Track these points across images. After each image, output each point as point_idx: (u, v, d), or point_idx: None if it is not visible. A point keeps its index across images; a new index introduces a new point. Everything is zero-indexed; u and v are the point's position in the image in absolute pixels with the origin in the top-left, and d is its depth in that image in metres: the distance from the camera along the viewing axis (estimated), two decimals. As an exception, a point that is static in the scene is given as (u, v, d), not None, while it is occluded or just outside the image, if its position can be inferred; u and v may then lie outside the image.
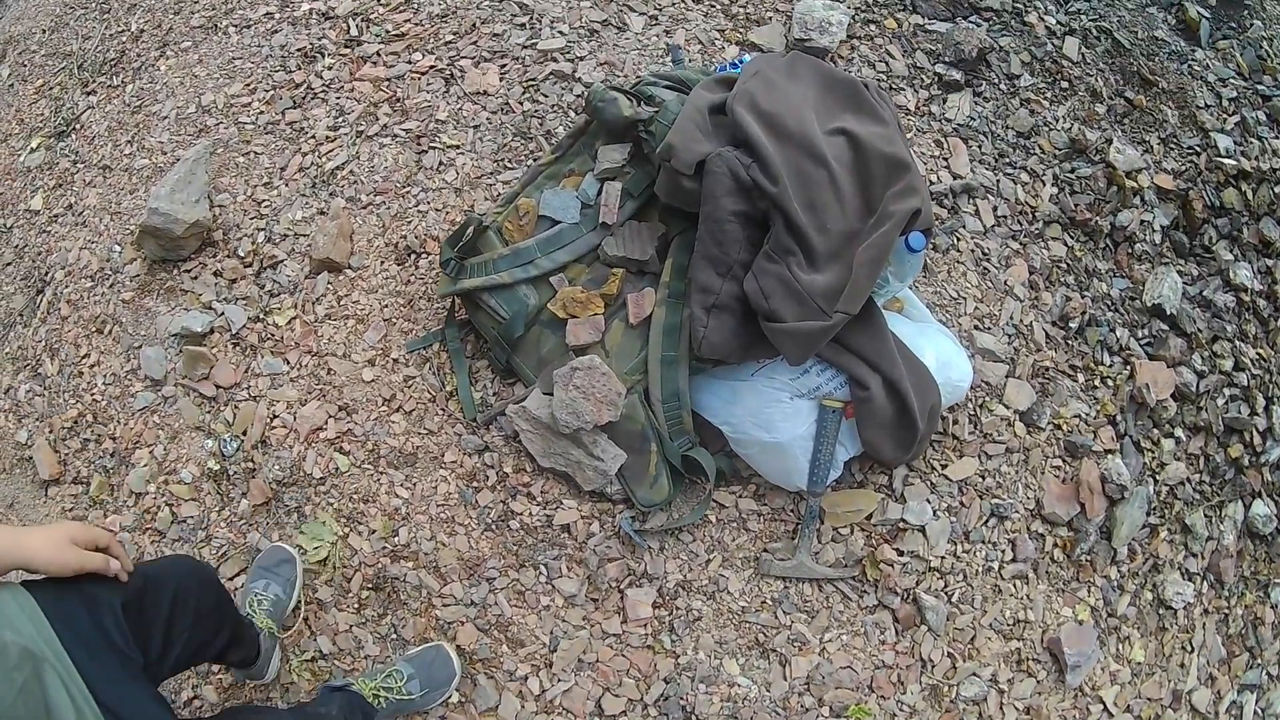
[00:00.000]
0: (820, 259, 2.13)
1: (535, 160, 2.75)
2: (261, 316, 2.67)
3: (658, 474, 2.39)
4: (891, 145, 2.25)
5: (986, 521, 2.48)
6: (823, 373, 2.32)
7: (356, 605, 2.40)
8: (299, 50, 3.08)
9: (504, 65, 2.99)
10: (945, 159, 2.95)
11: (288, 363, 2.60)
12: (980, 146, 2.97)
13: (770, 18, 3.15)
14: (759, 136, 2.16)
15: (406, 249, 2.74)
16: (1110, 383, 2.64)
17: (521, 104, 2.91)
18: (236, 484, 2.51)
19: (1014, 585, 2.47)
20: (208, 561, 2.49)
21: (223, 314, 2.67)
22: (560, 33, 3.04)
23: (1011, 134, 2.93)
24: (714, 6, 3.20)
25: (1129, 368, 2.61)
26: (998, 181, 2.92)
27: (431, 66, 3.02)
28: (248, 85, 3.04)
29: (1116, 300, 2.72)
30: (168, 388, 2.65)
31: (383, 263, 2.72)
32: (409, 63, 3.03)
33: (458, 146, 2.85)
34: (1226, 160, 2.90)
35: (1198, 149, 2.94)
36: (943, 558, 2.42)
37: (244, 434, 2.54)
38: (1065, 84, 3.01)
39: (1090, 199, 2.79)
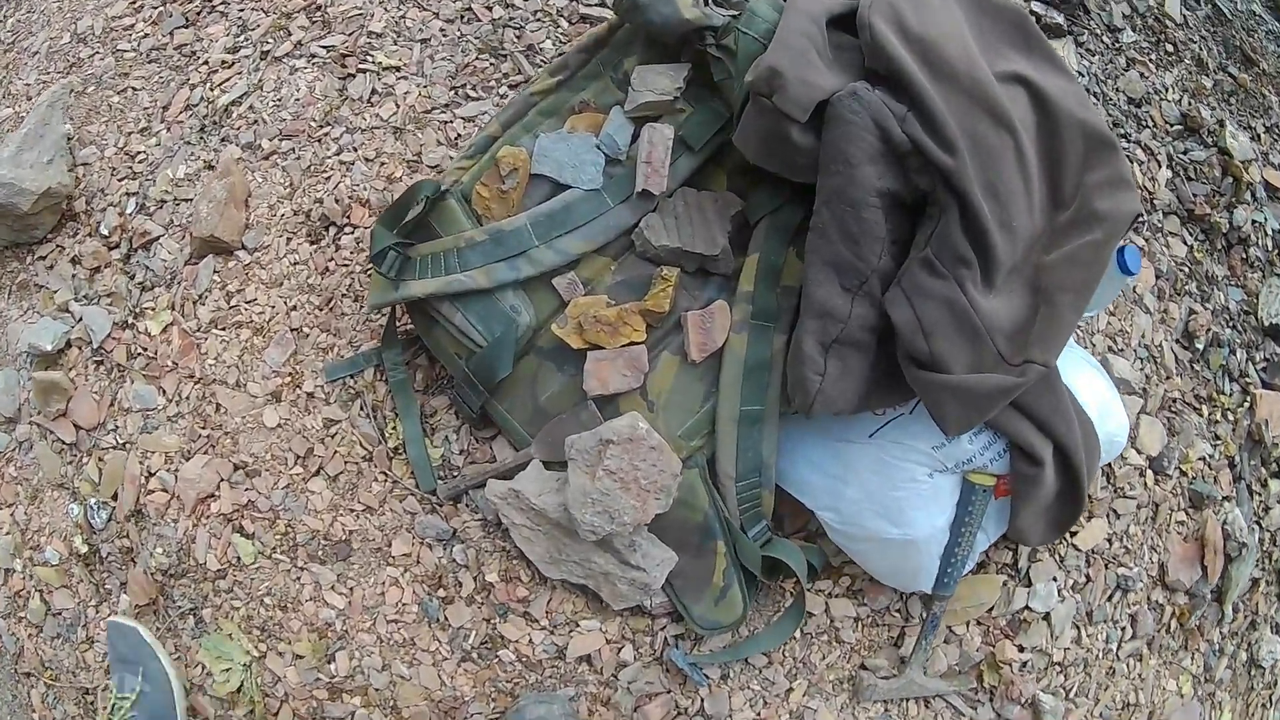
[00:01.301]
0: (1000, 274, 1.07)
1: (521, 87, 1.52)
2: (130, 321, 1.52)
3: (727, 583, 1.31)
4: (1087, 109, 1.19)
5: (1111, 596, 1.59)
6: (977, 438, 1.27)
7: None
8: None
9: None
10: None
11: (163, 393, 1.47)
12: (1092, 110, 1.93)
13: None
14: (917, 75, 1.06)
15: (323, 219, 1.53)
16: (1230, 416, 1.73)
17: (490, 9, 1.68)
18: (112, 570, 1.46)
19: (1128, 664, 1.62)
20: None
21: (80, 320, 1.54)
22: None
23: (1123, 99, 1.91)
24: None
25: (1248, 398, 1.76)
26: (1116, 156, 1.89)
27: None
28: (133, 3, 1.85)
29: (1235, 315, 1.81)
30: (21, 426, 1.57)
31: (289, 240, 1.52)
32: None
33: (398, 68, 1.63)
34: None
35: (1307, 142, 2.06)
36: (1066, 648, 1.58)
37: (114, 499, 1.46)
38: (1170, 47, 1.97)
39: (1207, 190, 1.84)
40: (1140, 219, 1.66)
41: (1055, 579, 1.48)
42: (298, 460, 1.41)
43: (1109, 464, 1.56)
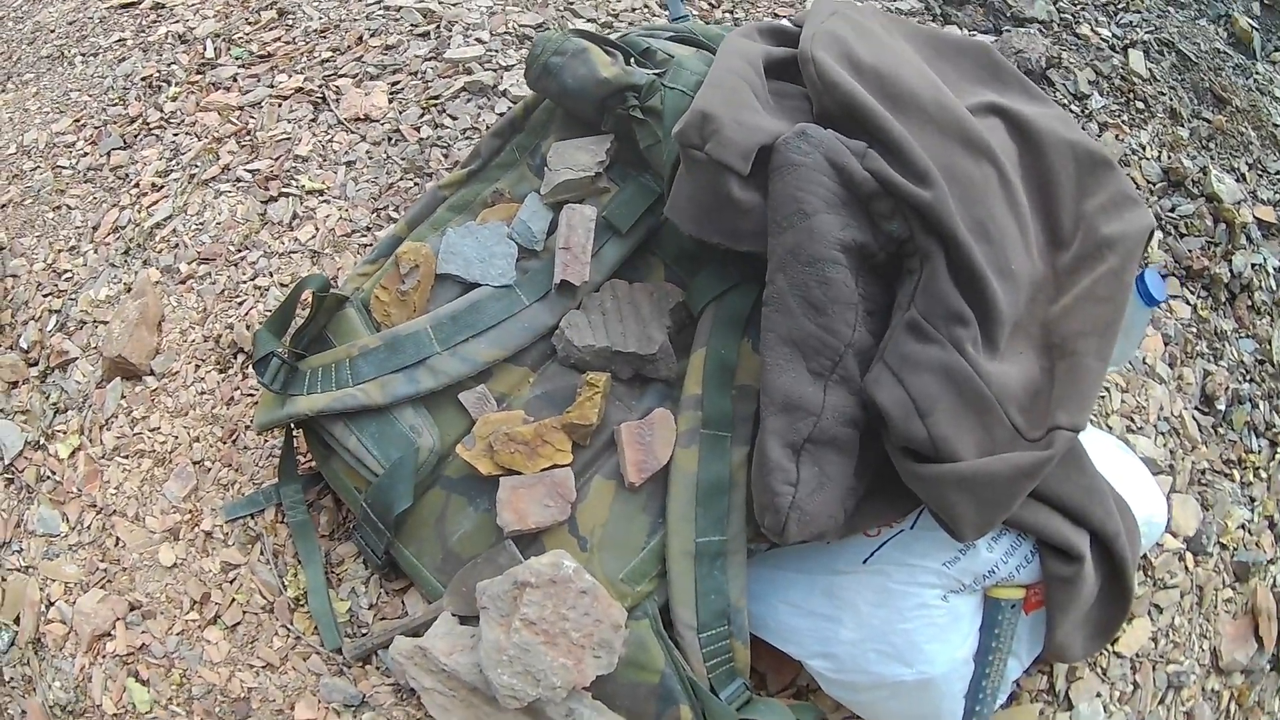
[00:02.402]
0: (1004, 330, 0.73)
1: (433, 183, 1.28)
2: (42, 442, 1.20)
3: (693, 758, 0.83)
4: (1073, 129, 0.84)
5: (1163, 698, 1.15)
6: (997, 543, 0.85)
7: None
8: (144, 79, 1.62)
9: (395, 82, 1.46)
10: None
11: (67, 520, 1.14)
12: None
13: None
14: (874, 105, 0.73)
15: (232, 345, 1.20)
16: (1263, 474, 1.37)
17: (418, 129, 1.38)
18: (14, 696, 1.07)
19: (1183, 764, 1.20)
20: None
21: None
22: (479, 40, 1.52)
23: (1102, 167, 1.67)
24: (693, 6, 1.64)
25: (1276, 450, 1.41)
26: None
27: (298, 89, 1.48)
28: (77, 121, 1.61)
29: (1250, 367, 1.48)
30: None
31: (198, 367, 1.19)
32: (270, 86, 1.51)
33: (320, 191, 1.33)
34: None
35: (1287, 172, 1.71)
36: (1116, 769, 1.03)
37: (16, 622, 1.10)
38: (1140, 104, 1.69)
39: (1201, 242, 1.54)
40: (1154, 234, 1.32)
41: (1099, 694, 1.07)
42: (194, 605, 1.02)
43: (1145, 554, 1.16)
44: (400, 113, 1.41)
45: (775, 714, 0.86)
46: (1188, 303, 1.46)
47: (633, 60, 0.92)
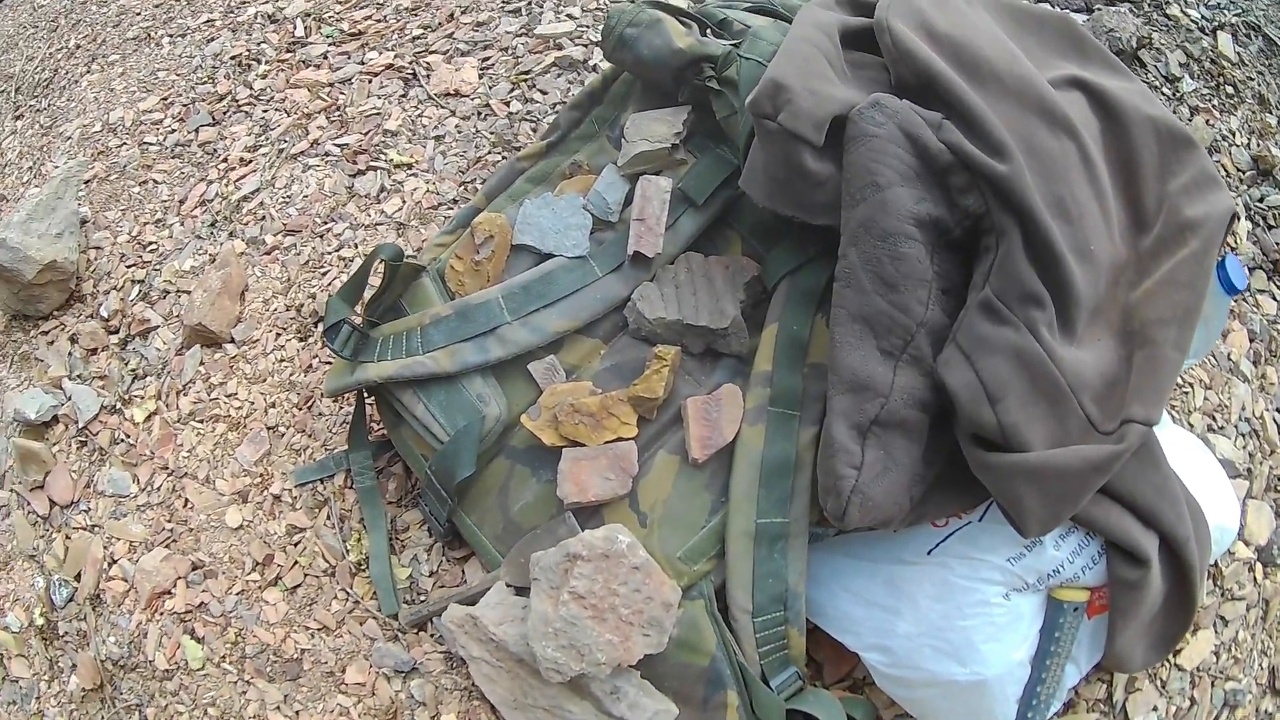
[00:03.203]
0: (1082, 314, 0.68)
1: (514, 154, 1.25)
2: (118, 406, 1.23)
3: (739, 746, 0.81)
4: (1155, 105, 0.80)
5: (1218, 717, 1.09)
6: (1065, 542, 0.81)
7: None
8: (233, 58, 1.65)
9: (486, 58, 1.48)
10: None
11: (137, 481, 1.17)
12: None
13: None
14: (951, 75, 0.70)
15: (314, 314, 1.22)
16: None
17: (508, 104, 1.39)
18: (67, 650, 1.13)
19: (1229, 789, 0.98)
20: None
21: (71, 398, 1.27)
22: (569, 15, 1.53)
23: (1196, 153, 1.59)
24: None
25: None
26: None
27: (389, 65, 1.50)
28: (164, 99, 1.63)
29: None
30: (3, 492, 1.26)
31: (278, 335, 1.21)
32: (360, 63, 1.53)
33: (409, 165, 1.34)
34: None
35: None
36: (1165, 790, 0.95)
37: (77, 579, 1.14)
38: (1230, 89, 1.64)
39: None
40: (1237, 219, 1.29)
41: (1156, 708, 1.02)
42: (255, 566, 1.05)
43: (1214, 562, 1.11)
44: (490, 88, 1.43)
45: (826, 706, 0.84)
46: (1275, 298, 1.40)
47: (709, 31, 0.91)
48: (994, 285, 0.70)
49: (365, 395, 1.04)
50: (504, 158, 1.33)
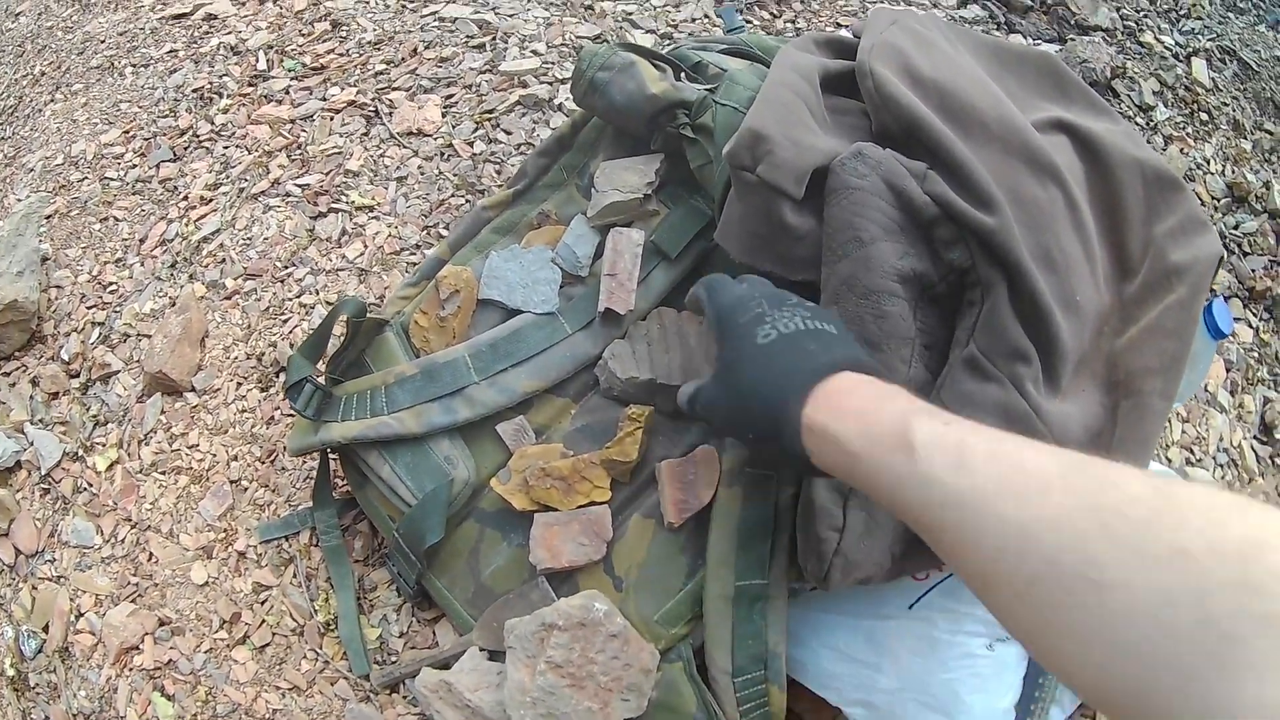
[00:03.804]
0: (1067, 368, 0.69)
1: (478, 202, 1.16)
2: (80, 454, 1.21)
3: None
4: (1141, 147, 0.80)
5: None
6: None
7: None
8: (195, 91, 1.63)
9: (450, 95, 1.46)
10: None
11: (101, 532, 1.15)
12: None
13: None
14: (936, 123, 0.69)
15: (275, 364, 1.20)
16: None
17: (471, 144, 1.38)
18: (39, 702, 1.10)
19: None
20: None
21: (33, 444, 1.24)
22: (534, 52, 1.52)
23: (1168, 183, 1.59)
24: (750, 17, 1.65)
25: None
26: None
27: (351, 102, 1.48)
28: (126, 132, 1.61)
29: None
30: None
31: (239, 385, 1.20)
32: (323, 99, 1.51)
33: (371, 207, 1.33)
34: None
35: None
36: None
37: (45, 630, 1.12)
38: (1204, 115, 1.66)
39: (1265, 261, 1.51)
40: (1223, 261, 1.28)
41: None
42: (223, 624, 1.03)
43: None
44: (454, 127, 1.42)
45: (810, 769, 0.82)
46: (1250, 325, 1.42)
47: (683, 74, 0.90)
48: (979, 341, 0.70)
49: (329, 453, 1.01)
50: (468, 201, 1.32)
